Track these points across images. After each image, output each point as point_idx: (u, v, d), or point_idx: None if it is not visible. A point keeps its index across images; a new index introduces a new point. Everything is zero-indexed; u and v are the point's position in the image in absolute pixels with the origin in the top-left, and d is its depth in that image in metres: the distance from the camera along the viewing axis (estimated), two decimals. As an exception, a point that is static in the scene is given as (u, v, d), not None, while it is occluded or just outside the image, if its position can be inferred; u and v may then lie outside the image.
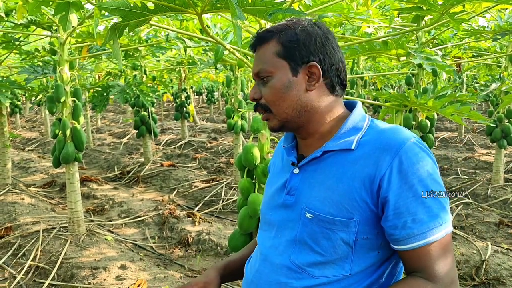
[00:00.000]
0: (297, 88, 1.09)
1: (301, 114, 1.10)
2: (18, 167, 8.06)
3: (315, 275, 1.06)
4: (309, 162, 1.12)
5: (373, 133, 1.07)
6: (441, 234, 0.99)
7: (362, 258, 1.05)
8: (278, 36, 1.09)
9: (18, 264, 3.82)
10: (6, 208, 5.06)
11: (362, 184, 1.02)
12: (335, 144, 1.08)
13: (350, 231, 1.03)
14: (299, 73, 1.08)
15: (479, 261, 3.59)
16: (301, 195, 1.10)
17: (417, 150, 1.01)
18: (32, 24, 4.15)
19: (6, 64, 6.53)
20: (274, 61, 1.09)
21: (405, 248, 1.00)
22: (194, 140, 9.80)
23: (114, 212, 5.38)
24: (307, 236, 1.07)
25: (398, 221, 0.99)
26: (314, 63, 1.08)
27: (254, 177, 2.44)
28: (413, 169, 0.99)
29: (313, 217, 1.06)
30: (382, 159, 1.01)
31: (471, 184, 5.79)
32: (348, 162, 1.05)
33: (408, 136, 1.03)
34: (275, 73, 1.09)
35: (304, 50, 1.08)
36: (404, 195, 0.98)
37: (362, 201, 1.02)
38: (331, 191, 1.05)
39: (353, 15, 3.07)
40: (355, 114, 1.12)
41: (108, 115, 18.16)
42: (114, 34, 1.52)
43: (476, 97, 3.05)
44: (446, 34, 4.46)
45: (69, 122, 3.94)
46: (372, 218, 1.03)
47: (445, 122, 12.35)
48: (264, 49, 1.11)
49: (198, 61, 5.32)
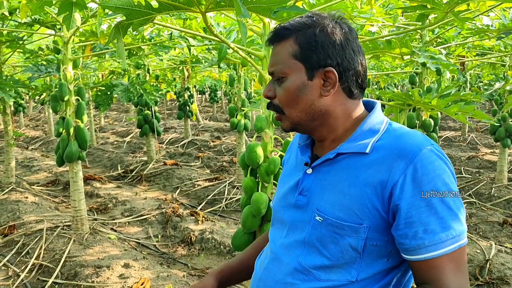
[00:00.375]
0: (312, 92, 1.05)
1: (314, 119, 1.07)
2: (21, 165, 8.08)
3: (321, 278, 1.04)
4: (322, 163, 1.09)
5: (390, 138, 1.04)
6: (454, 246, 0.95)
7: (370, 265, 1.02)
8: (296, 36, 1.05)
9: (22, 263, 3.83)
10: (10, 206, 5.08)
11: (374, 190, 0.99)
12: (350, 146, 1.05)
13: (359, 237, 1.00)
14: (315, 77, 1.04)
15: (483, 261, 3.59)
16: (313, 197, 1.08)
17: (433, 158, 0.97)
18: (35, 23, 4.16)
19: (10, 62, 6.56)
20: (289, 62, 1.05)
21: (415, 259, 0.97)
22: (197, 139, 9.80)
23: (117, 210, 5.39)
24: (315, 239, 1.05)
25: (409, 230, 0.96)
26: (330, 68, 1.03)
27: (257, 176, 2.44)
28: (428, 178, 0.95)
29: (322, 220, 1.04)
30: (396, 165, 0.97)
31: (474, 184, 5.77)
32: (362, 166, 1.02)
33: (425, 143, 0.99)
34: (290, 75, 1.06)
35: (321, 53, 1.03)
36: (417, 204, 0.95)
37: (373, 208, 0.99)
38: (342, 195, 1.02)
39: (357, 13, 3.07)
40: (373, 116, 1.08)
41: (112, 114, 18.19)
42: (118, 33, 1.52)
43: (480, 96, 3.04)
44: (450, 33, 4.45)
45: (72, 121, 3.95)
46: (383, 225, 1.00)
47: (449, 121, 12.32)
48: (280, 47, 1.07)
49: (202, 59, 5.32)
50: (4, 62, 5.25)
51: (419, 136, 1.02)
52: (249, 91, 6.29)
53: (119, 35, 1.52)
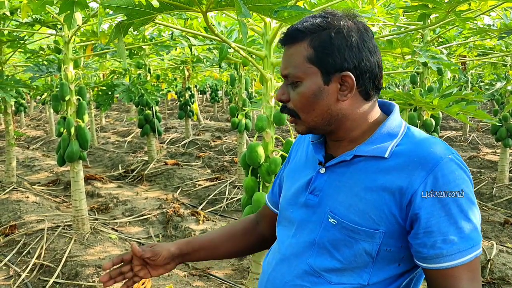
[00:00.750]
0: (328, 97, 1.02)
1: (331, 123, 1.05)
2: (22, 165, 8.09)
3: (332, 281, 1.03)
4: (337, 164, 1.06)
5: (409, 143, 1.02)
6: (471, 256, 0.95)
7: (382, 270, 1.02)
8: (311, 39, 1.01)
9: (23, 262, 3.84)
10: (11, 206, 5.08)
11: (392, 196, 0.97)
12: (368, 150, 1.03)
13: (374, 242, 0.99)
14: (331, 82, 1.01)
15: (484, 261, 3.58)
16: (326, 198, 1.06)
17: (454, 167, 0.96)
18: (36, 23, 4.16)
19: (11, 62, 6.56)
20: (304, 66, 1.02)
21: (432, 267, 0.97)
22: (198, 138, 9.80)
23: (118, 210, 5.40)
24: (327, 241, 1.03)
25: (428, 239, 0.95)
26: (348, 72, 1.00)
27: (258, 176, 2.44)
28: (448, 188, 0.95)
29: (336, 223, 1.02)
30: (416, 173, 0.96)
31: (476, 184, 5.77)
32: (380, 171, 1.00)
33: (446, 152, 0.98)
34: (305, 80, 1.02)
35: (338, 56, 0.99)
36: (437, 214, 0.94)
37: (390, 214, 0.98)
38: (358, 198, 1.00)
39: (358, 13, 3.06)
40: (392, 119, 1.06)
41: (112, 113, 18.20)
42: (119, 32, 1.52)
43: (482, 96, 3.04)
44: (451, 33, 4.44)
45: (73, 121, 3.95)
46: (398, 231, 0.99)
47: (450, 121, 12.31)
48: (294, 50, 1.03)
49: (203, 59, 5.32)
50: (5, 62, 5.25)
51: (440, 144, 1.00)
52: (250, 91, 6.28)
53: (120, 35, 1.51)
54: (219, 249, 1.32)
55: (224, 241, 1.33)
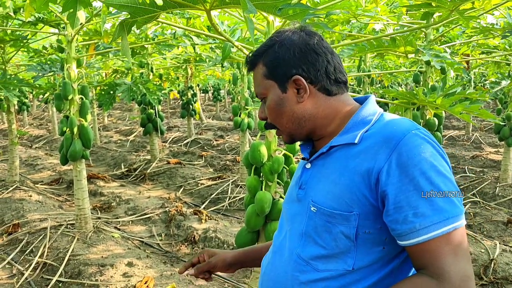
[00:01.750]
0: (289, 103, 1.12)
1: (302, 125, 1.14)
2: (25, 164, 8.11)
3: (319, 269, 1.06)
4: (318, 157, 1.14)
5: (377, 127, 1.06)
6: (447, 228, 0.93)
7: (366, 254, 1.03)
8: (262, 59, 1.15)
9: (26, 261, 3.84)
10: (14, 205, 5.09)
11: (361, 178, 1.01)
12: (341, 139, 1.09)
13: (350, 225, 1.02)
14: (288, 89, 1.12)
15: (487, 260, 3.57)
16: (310, 189, 1.12)
17: (418, 141, 0.98)
18: (39, 22, 4.16)
19: (14, 61, 6.57)
20: (264, 83, 1.15)
21: (408, 244, 0.97)
22: (200, 138, 9.80)
23: (121, 209, 5.40)
24: (311, 229, 1.09)
25: (398, 215, 0.96)
26: (296, 76, 1.10)
27: (261, 175, 2.43)
28: (413, 161, 0.95)
29: (316, 210, 1.07)
30: (381, 152, 0.99)
31: (479, 183, 5.75)
32: (351, 156, 1.05)
33: (409, 127, 1.01)
34: (268, 94, 1.15)
35: (284, 65, 1.11)
36: (405, 188, 0.95)
37: (362, 195, 1.01)
38: (334, 184, 1.05)
39: (361, 12, 3.06)
40: (365, 108, 1.12)
41: (115, 112, 18.22)
42: (123, 30, 1.51)
43: (486, 94, 3.03)
44: (454, 32, 4.42)
45: (76, 120, 3.95)
46: (373, 212, 1.01)
47: (452, 120, 12.28)
48: (255, 73, 1.17)
49: (206, 58, 5.31)
50: (8, 61, 5.26)
51: (405, 122, 1.04)
52: (252, 90, 6.27)
53: (124, 33, 1.51)
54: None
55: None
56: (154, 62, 7.05)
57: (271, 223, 2.39)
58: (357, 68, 6.43)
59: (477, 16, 2.73)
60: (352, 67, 7.10)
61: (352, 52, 3.38)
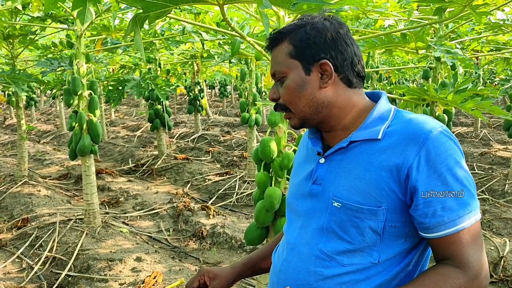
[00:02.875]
0: (311, 86, 1.11)
1: (319, 111, 1.12)
2: (34, 159, 8.15)
3: (344, 263, 1.07)
4: (335, 152, 1.13)
5: (400, 123, 1.08)
6: (471, 221, 1.00)
7: (390, 246, 1.06)
8: (290, 37, 1.11)
9: (35, 255, 3.87)
10: (23, 199, 5.13)
11: (390, 173, 1.03)
12: (362, 134, 1.09)
13: (378, 219, 1.04)
14: (312, 72, 1.10)
15: (497, 258, 3.55)
16: (328, 185, 1.11)
17: (444, 139, 1.02)
18: (48, 18, 4.18)
19: (22, 57, 6.59)
20: (287, 62, 1.12)
21: (435, 236, 1.02)
22: (207, 133, 9.81)
23: (129, 204, 5.42)
24: (334, 224, 1.08)
25: (428, 209, 1.00)
26: (325, 60, 1.09)
27: (270, 171, 2.43)
28: (441, 158, 1.00)
29: (341, 206, 1.07)
30: (409, 149, 1.02)
31: (487, 180, 5.71)
32: (375, 151, 1.06)
33: (435, 125, 1.04)
34: (289, 74, 1.12)
35: (314, 48, 1.09)
36: (433, 183, 1.00)
37: (390, 190, 1.03)
38: (359, 180, 1.06)
39: (371, 8, 3.03)
40: (381, 104, 1.13)
41: (122, 108, 18.26)
42: (136, 26, 1.51)
43: (497, 91, 3.00)
44: (464, 28, 4.39)
45: (85, 115, 3.96)
46: (400, 206, 1.04)
47: (461, 117, 12.20)
48: (277, 51, 1.14)
49: (214, 54, 5.31)
50: (17, 56, 5.28)
51: (428, 119, 1.07)
52: (259, 85, 6.27)
53: (137, 28, 1.51)
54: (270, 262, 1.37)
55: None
56: (161, 57, 7.05)
57: (280, 219, 2.39)
58: (365, 64, 6.40)
59: (488, 11, 2.71)
60: (360, 63, 7.07)
61: (362, 49, 3.37)
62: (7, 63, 5.79)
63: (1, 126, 13.19)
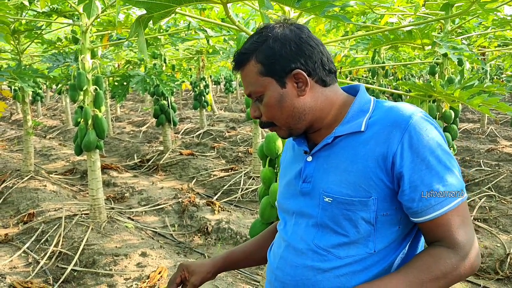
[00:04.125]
0: (290, 97, 1.11)
1: (302, 119, 1.13)
2: (40, 154, 8.20)
3: (341, 256, 1.09)
4: (321, 149, 1.14)
5: (380, 113, 1.10)
6: (457, 202, 1.02)
7: (384, 235, 1.08)
8: (255, 56, 1.10)
9: (41, 250, 3.89)
10: (29, 194, 5.16)
11: (376, 162, 1.05)
12: (345, 128, 1.11)
13: (370, 210, 1.06)
14: (287, 83, 1.10)
15: (503, 255, 3.54)
16: (318, 181, 1.13)
17: (424, 123, 1.04)
18: (54, 13, 4.18)
19: (28, 52, 6.61)
20: (259, 81, 1.11)
21: (424, 220, 1.04)
22: (213, 129, 9.82)
23: (134, 200, 5.44)
24: (328, 219, 1.10)
25: (414, 194, 1.02)
26: (297, 70, 1.09)
27: (275, 167, 2.43)
28: (423, 142, 1.02)
29: (332, 200, 1.09)
30: (392, 136, 1.04)
31: (494, 177, 5.68)
32: (360, 143, 1.08)
33: (414, 111, 1.06)
34: (265, 91, 1.11)
35: (283, 61, 1.09)
36: (418, 168, 1.02)
37: (378, 179, 1.05)
38: (347, 173, 1.08)
39: (377, 3, 3.01)
40: (360, 97, 1.15)
41: (127, 103, 18.30)
42: (139, 26, 1.51)
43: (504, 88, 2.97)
44: (471, 23, 4.35)
45: (91, 110, 3.97)
46: (390, 194, 1.06)
47: (467, 113, 12.13)
48: (246, 71, 1.13)
49: (219, 49, 5.30)
50: (23, 51, 5.30)
51: (408, 106, 1.09)
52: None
53: (140, 29, 1.50)
54: (253, 257, 1.41)
55: (257, 249, 1.41)
56: (166, 53, 7.05)
57: (285, 216, 2.39)
58: (371, 60, 6.37)
59: (496, 7, 2.67)
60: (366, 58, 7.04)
61: (367, 46, 3.35)
62: (13, 58, 5.81)
63: (8, 122, 13.26)
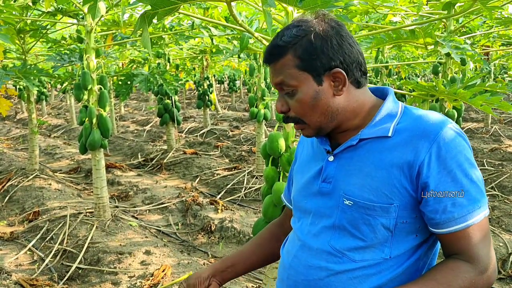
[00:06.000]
0: (325, 96, 1.08)
1: (334, 118, 1.11)
2: (44, 153, 8.24)
3: (356, 259, 1.08)
4: (344, 150, 1.12)
5: (409, 120, 1.08)
6: (480, 217, 1.02)
7: (401, 242, 1.07)
8: (293, 50, 1.06)
9: (46, 248, 3.93)
10: (34, 193, 5.19)
11: (401, 170, 1.04)
12: (371, 132, 1.09)
13: (390, 216, 1.05)
14: (324, 81, 1.07)
15: (505, 254, 3.54)
16: (338, 183, 1.11)
17: (454, 136, 1.03)
18: (58, 12, 4.21)
19: (33, 51, 6.65)
20: (295, 74, 1.07)
21: (446, 232, 1.03)
22: (216, 128, 9.83)
23: (138, 198, 5.47)
24: (346, 222, 1.09)
25: (438, 205, 1.02)
26: (337, 69, 1.06)
27: (278, 166, 2.44)
28: (451, 155, 1.01)
29: (352, 204, 1.07)
30: (420, 145, 1.03)
31: (497, 176, 5.67)
32: (386, 148, 1.07)
33: (444, 122, 1.05)
34: (300, 87, 1.08)
35: (323, 57, 1.05)
36: (444, 180, 1.01)
37: (402, 187, 1.04)
38: (370, 177, 1.06)
39: (380, 2, 3.02)
40: (389, 101, 1.13)
41: (131, 102, 18.35)
42: (144, 23, 1.52)
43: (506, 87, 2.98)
44: (475, 22, 4.35)
45: (95, 110, 4.00)
46: (412, 203, 1.05)
47: (471, 113, 12.10)
48: (281, 64, 1.08)
49: (223, 49, 5.31)
50: (28, 51, 5.33)
51: (438, 116, 1.07)
52: (268, 80, 6.26)
53: (145, 25, 1.52)
54: (251, 260, 1.39)
55: (255, 251, 1.40)
56: (170, 52, 7.08)
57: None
58: (375, 59, 6.37)
59: (500, 6, 2.68)
60: (369, 58, 7.04)
61: (369, 45, 3.35)
62: (18, 58, 5.84)
63: (13, 120, 13.32)
